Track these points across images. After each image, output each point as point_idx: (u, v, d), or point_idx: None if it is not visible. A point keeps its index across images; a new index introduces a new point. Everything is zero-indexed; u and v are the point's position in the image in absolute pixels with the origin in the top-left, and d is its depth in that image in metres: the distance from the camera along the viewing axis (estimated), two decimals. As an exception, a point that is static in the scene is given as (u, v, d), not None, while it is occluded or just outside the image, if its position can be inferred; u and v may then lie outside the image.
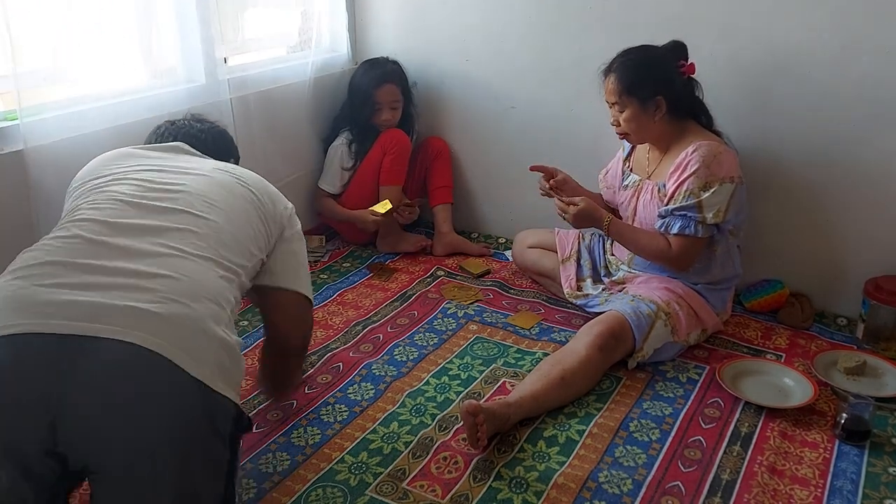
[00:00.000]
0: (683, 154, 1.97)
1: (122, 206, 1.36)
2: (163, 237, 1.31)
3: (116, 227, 1.31)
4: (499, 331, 2.22)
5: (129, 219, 1.33)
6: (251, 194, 1.54)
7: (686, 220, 1.97)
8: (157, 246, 1.29)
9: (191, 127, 1.78)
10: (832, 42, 2.07)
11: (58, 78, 2.01)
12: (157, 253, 1.28)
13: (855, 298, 2.17)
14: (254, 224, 1.50)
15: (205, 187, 1.46)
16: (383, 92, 2.68)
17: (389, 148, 2.68)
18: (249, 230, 1.47)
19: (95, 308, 1.16)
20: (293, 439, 1.73)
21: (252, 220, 1.50)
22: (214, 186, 1.48)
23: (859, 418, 1.70)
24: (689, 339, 2.06)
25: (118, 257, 1.25)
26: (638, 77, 1.97)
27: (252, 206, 1.52)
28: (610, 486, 1.57)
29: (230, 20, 2.56)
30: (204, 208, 1.41)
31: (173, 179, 1.46)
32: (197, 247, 1.33)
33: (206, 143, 1.74)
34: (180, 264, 1.28)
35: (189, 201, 1.40)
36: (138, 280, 1.22)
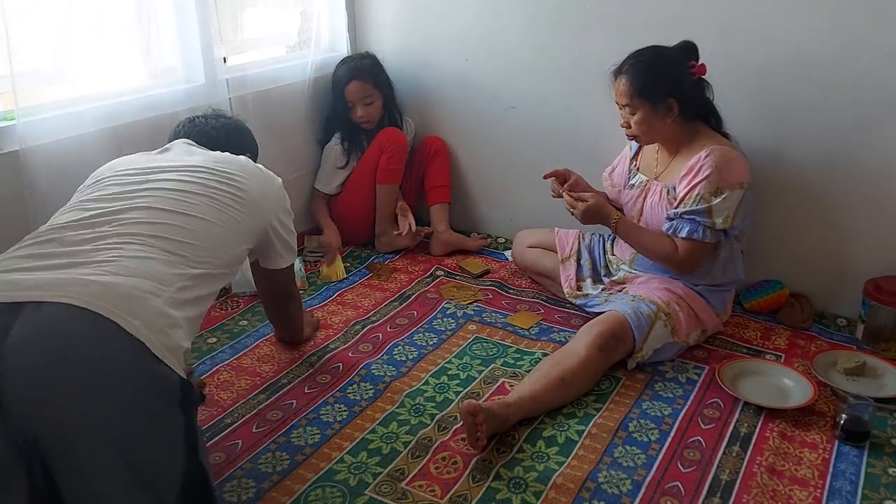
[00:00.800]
0: (696, 158, 1.97)
1: (81, 210, 1.45)
2: (109, 237, 1.37)
3: (70, 227, 1.40)
4: (498, 331, 2.22)
5: (82, 221, 1.41)
6: (230, 191, 1.57)
7: (695, 224, 1.96)
8: (101, 240, 1.35)
9: (205, 123, 1.86)
10: (832, 42, 2.06)
11: (56, 78, 2.01)
12: (100, 247, 1.34)
13: (855, 299, 2.17)
14: (224, 219, 1.53)
15: (166, 191, 1.50)
16: (351, 89, 2.68)
17: (386, 147, 2.68)
18: (215, 228, 1.50)
19: (38, 281, 1.21)
20: (293, 439, 1.73)
21: (222, 216, 1.53)
22: (182, 186, 1.52)
23: (859, 419, 1.69)
24: (689, 340, 2.05)
25: (66, 248, 1.33)
26: (650, 79, 1.96)
27: (227, 203, 1.55)
28: (609, 486, 1.57)
29: (229, 20, 2.56)
30: (156, 214, 1.44)
31: (136, 184, 1.52)
32: (141, 240, 1.37)
33: (219, 139, 1.82)
34: (121, 252, 1.33)
35: (145, 201, 1.46)
36: (79, 260, 1.29)
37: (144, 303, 1.24)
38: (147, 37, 2.24)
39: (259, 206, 1.64)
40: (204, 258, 1.44)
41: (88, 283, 1.22)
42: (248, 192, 1.61)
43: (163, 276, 1.32)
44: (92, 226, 1.39)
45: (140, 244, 1.36)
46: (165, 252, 1.37)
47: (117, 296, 1.21)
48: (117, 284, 1.24)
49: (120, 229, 1.38)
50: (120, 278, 1.25)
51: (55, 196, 1.95)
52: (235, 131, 1.89)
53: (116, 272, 1.27)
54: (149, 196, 1.47)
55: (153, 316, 1.24)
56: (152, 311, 1.24)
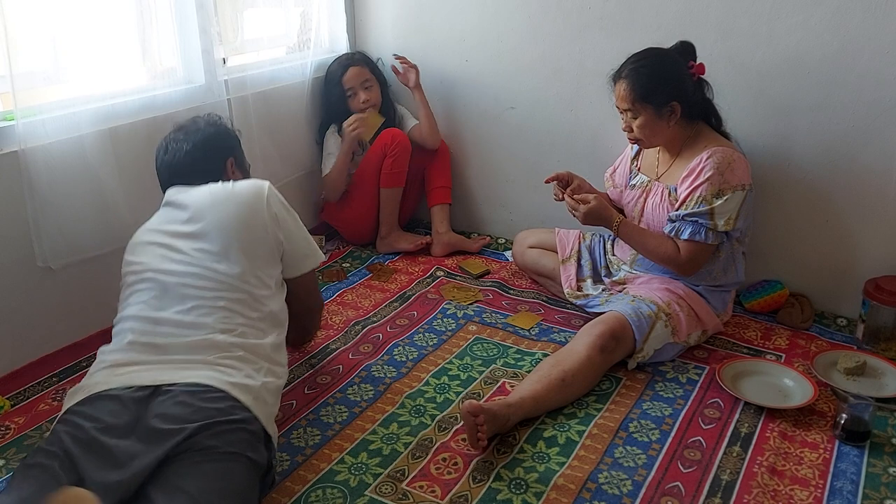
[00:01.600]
0: (697, 159, 1.96)
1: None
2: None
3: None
4: (498, 331, 2.22)
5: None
6: (238, 254, 1.62)
7: (697, 226, 1.96)
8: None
9: (177, 151, 1.79)
10: (832, 42, 2.07)
11: (56, 79, 2.01)
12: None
13: (855, 299, 2.17)
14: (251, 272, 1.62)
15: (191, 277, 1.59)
16: (349, 76, 2.69)
17: (390, 150, 2.67)
18: (243, 284, 1.61)
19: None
20: (293, 440, 1.73)
21: (246, 277, 1.62)
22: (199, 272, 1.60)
23: (859, 419, 1.69)
24: (690, 340, 2.05)
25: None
26: (652, 83, 1.95)
27: (247, 265, 1.63)
28: (610, 486, 1.57)
29: (229, 21, 2.56)
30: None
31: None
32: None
33: (195, 166, 1.78)
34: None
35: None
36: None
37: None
38: (147, 38, 2.24)
39: (258, 228, 1.66)
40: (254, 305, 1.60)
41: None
42: (239, 220, 1.65)
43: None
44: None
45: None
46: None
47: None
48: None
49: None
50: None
51: (55, 196, 1.96)
52: (206, 143, 1.80)
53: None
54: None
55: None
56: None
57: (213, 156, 1.81)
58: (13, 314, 1.96)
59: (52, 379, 1.99)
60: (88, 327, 2.15)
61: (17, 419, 1.82)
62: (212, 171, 1.79)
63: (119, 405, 1.37)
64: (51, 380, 1.99)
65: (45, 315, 2.03)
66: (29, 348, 2.01)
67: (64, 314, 2.08)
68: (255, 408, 1.42)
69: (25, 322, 1.99)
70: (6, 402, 1.87)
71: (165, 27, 2.25)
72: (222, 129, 1.87)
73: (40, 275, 1.99)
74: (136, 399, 1.38)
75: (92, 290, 2.12)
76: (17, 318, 1.97)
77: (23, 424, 1.81)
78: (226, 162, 1.83)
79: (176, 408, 1.35)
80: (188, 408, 1.35)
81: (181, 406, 1.36)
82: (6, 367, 1.97)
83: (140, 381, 1.41)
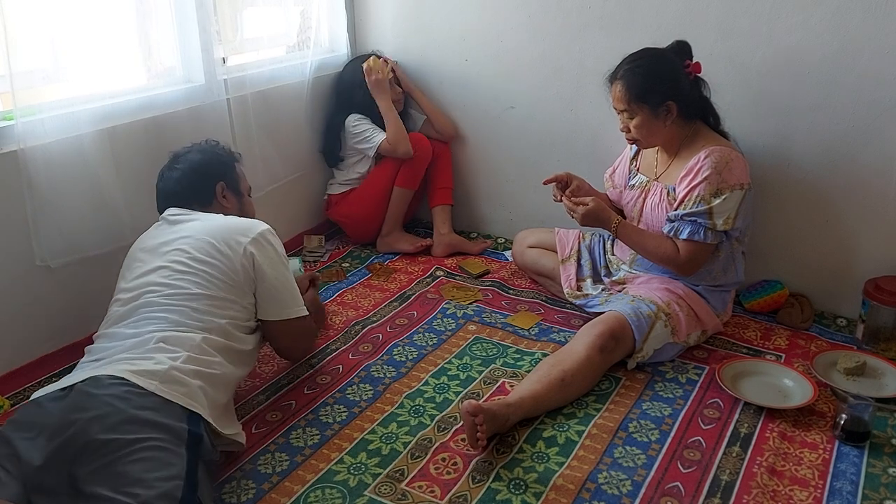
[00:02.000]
0: (695, 159, 1.96)
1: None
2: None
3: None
4: (498, 331, 2.22)
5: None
6: (202, 276, 1.68)
7: (696, 225, 1.96)
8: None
9: (169, 178, 1.90)
10: (832, 42, 2.06)
11: (56, 78, 2.01)
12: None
13: (855, 299, 2.17)
14: (208, 295, 1.68)
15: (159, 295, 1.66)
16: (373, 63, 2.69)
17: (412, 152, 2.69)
18: (199, 303, 1.66)
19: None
20: (292, 440, 1.73)
21: (204, 296, 1.67)
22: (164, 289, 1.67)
23: (859, 419, 1.69)
24: (689, 340, 2.05)
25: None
26: (647, 83, 1.95)
27: (207, 288, 1.68)
28: (609, 486, 1.57)
29: (229, 20, 2.56)
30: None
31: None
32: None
33: (186, 191, 1.87)
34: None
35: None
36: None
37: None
38: (146, 37, 2.24)
39: (231, 255, 1.72)
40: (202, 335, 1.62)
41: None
42: (215, 252, 1.71)
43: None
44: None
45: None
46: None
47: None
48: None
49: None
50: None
51: (54, 196, 1.96)
52: (194, 171, 1.88)
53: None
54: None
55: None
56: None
57: (202, 180, 1.89)
58: (12, 314, 1.95)
59: (52, 379, 1.99)
60: (87, 327, 2.14)
61: (16, 419, 1.82)
62: (201, 194, 1.88)
63: (38, 408, 1.44)
64: (50, 379, 1.99)
65: (43, 314, 2.03)
66: (28, 348, 2.01)
67: (63, 313, 2.07)
68: (160, 390, 1.44)
69: (24, 322, 1.99)
70: (5, 402, 1.87)
71: (165, 26, 2.25)
72: (214, 154, 1.95)
73: (39, 274, 1.99)
74: (54, 399, 1.44)
75: (91, 289, 2.12)
76: (16, 317, 1.97)
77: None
78: (215, 186, 1.89)
79: (80, 400, 1.40)
80: (89, 398, 1.40)
81: (83, 397, 1.40)
82: (5, 366, 1.96)
83: (61, 384, 1.48)
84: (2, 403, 1.85)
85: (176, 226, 1.80)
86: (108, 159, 2.07)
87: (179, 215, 1.82)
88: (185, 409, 1.46)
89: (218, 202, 1.89)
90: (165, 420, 1.40)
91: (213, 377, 1.58)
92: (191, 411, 1.46)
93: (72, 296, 2.08)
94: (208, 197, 1.88)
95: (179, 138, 2.26)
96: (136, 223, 2.18)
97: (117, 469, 1.31)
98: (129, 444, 1.33)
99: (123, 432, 1.35)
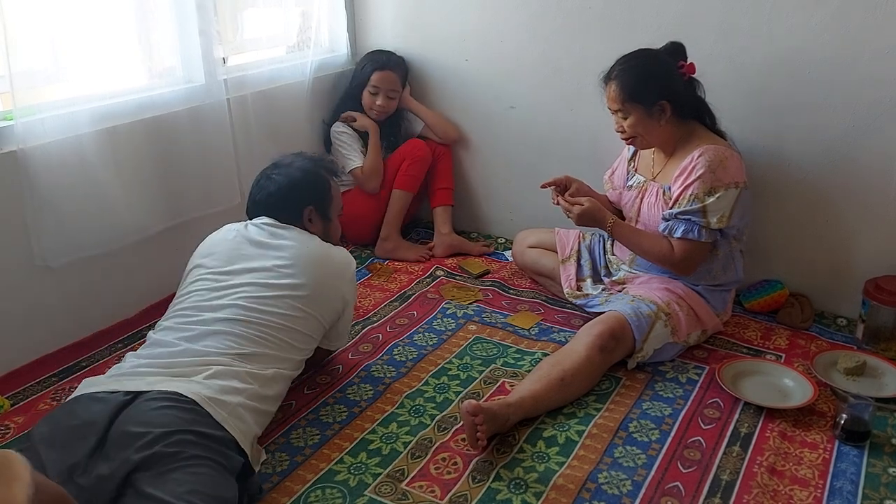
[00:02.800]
0: (689, 158, 1.97)
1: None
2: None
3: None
4: (498, 331, 2.22)
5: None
6: (296, 309, 1.71)
7: (690, 224, 1.96)
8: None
9: (264, 188, 1.88)
10: (832, 42, 2.06)
11: (56, 78, 2.01)
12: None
13: (855, 299, 2.17)
14: (296, 329, 1.72)
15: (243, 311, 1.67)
16: (384, 77, 2.70)
17: (409, 155, 2.71)
18: (281, 334, 1.69)
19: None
20: (292, 440, 1.73)
21: (293, 330, 1.71)
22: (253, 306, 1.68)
23: (859, 419, 1.69)
24: (689, 340, 2.05)
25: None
26: (640, 83, 1.96)
27: (296, 321, 1.71)
28: (609, 486, 1.57)
29: (229, 20, 2.56)
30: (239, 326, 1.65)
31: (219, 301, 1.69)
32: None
33: (275, 206, 1.86)
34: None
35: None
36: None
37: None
38: (147, 37, 2.24)
39: (330, 297, 1.79)
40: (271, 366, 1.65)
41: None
42: (318, 291, 1.75)
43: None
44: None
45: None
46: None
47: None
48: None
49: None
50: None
51: (53, 197, 1.96)
52: (287, 193, 1.87)
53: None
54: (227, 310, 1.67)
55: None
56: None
57: (293, 202, 1.88)
58: (12, 314, 1.96)
59: (52, 379, 1.99)
60: (87, 326, 2.15)
61: (16, 419, 1.82)
62: (290, 214, 1.87)
63: (102, 405, 1.43)
64: (50, 380, 1.99)
65: (43, 314, 2.03)
66: (28, 348, 2.01)
67: (63, 313, 2.07)
68: (224, 421, 1.46)
69: (24, 322, 1.99)
70: (6, 402, 1.87)
71: (165, 26, 2.25)
72: (311, 174, 1.92)
73: (39, 274, 1.99)
74: (118, 403, 1.44)
75: (91, 289, 2.12)
76: (16, 317, 1.97)
77: (22, 424, 1.80)
78: (304, 210, 1.88)
79: (148, 414, 1.40)
80: (158, 414, 1.40)
81: (154, 412, 1.40)
82: (5, 366, 1.96)
83: (126, 387, 1.48)
84: (2, 403, 1.85)
85: (271, 243, 1.78)
86: (108, 159, 2.07)
87: (275, 229, 1.81)
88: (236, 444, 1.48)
89: (303, 223, 1.88)
90: (225, 449, 1.43)
91: (266, 415, 1.63)
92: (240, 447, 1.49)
93: (72, 296, 2.08)
94: (296, 217, 1.87)
95: (179, 138, 2.27)
96: (136, 223, 2.19)
97: (174, 475, 1.32)
98: (193, 458, 1.35)
99: (190, 448, 1.36)
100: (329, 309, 1.79)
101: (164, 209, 2.27)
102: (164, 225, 2.28)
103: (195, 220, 2.33)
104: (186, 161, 2.30)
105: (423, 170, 2.75)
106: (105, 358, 2.09)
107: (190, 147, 2.30)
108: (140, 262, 2.23)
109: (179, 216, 2.31)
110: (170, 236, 2.29)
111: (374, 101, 2.71)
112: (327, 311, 1.79)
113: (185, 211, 2.33)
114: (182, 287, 1.77)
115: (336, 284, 1.80)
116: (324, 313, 1.77)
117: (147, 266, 2.27)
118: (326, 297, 1.77)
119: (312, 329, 1.76)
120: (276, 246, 1.78)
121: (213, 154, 2.37)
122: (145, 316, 2.25)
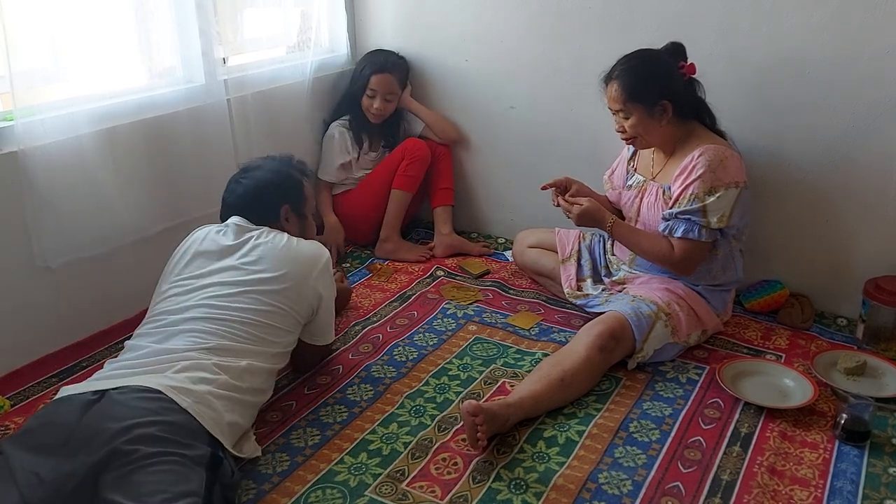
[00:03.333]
0: (689, 158, 1.97)
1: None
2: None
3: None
4: (498, 331, 2.22)
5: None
6: (266, 303, 1.72)
7: (690, 223, 1.96)
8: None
9: (234, 191, 1.90)
10: (832, 42, 2.06)
11: (56, 78, 2.01)
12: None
13: (855, 299, 2.17)
14: (267, 324, 1.72)
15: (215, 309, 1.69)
16: (381, 80, 2.69)
17: (408, 154, 2.70)
18: (254, 329, 1.69)
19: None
20: (292, 440, 1.73)
21: (263, 324, 1.71)
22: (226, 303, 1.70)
23: (859, 419, 1.69)
24: (690, 340, 2.05)
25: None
26: (641, 83, 1.96)
27: (267, 315, 1.72)
28: (609, 486, 1.57)
29: (229, 21, 2.56)
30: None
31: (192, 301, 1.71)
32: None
33: (248, 206, 1.88)
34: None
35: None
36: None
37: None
38: (147, 37, 2.24)
39: (301, 290, 1.77)
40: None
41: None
42: (286, 284, 1.75)
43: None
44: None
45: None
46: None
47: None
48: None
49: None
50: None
51: (53, 197, 1.96)
52: (259, 192, 1.88)
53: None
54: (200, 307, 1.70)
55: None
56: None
57: (267, 201, 1.89)
58: (12, 314, 1.96)
59: (52, 379, 1.99)
60: (87, 327, 2.15)
61: (16, 419, 1.82)
62: (265, 213, 1.88)
63: (69, 406, 1.45)
64: (50, 380, 1.99)
65: (43, 315, 2.03)
66: (28, 348, 2.01)
67: (63, 314, 2.07)
68: (192, 408, 1.46)
69: (24, 322, 1.99)
70: (6, 402, 1.87)
71: (165, 26, 2.25)
72: (283, 175, 1.93)
73: (39, 274, 1.99)
74: (85, 402, 1.45)
75: (90, 289, 2.12)
76: (16, 318, 1.97)
77: (22, 424, 1.80)
78: (280, 208, 1.89)
79: (115, 409, 1.42)
80: (121, 407, 1.42)
81: (119, 406, 1.42)
82: (6, 367, 1.97)
83: (95, 388, 1.49)
84: (2, 404, 1.85)
85: (244, 243, 1.79)
86: (107, 160, 2.07)
87: (247, 231, 1.82)
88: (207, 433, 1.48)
89: (280, 223, 1.89)
90: (191, 439, 1.42)
91: (245, 404, 1.62)
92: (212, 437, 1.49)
93: (72, 296, 2.08)
94: (272, 217, 1.88)
95: (179, 139, 2.27)
96: (136, 223, 2.19)
97: (135, 478, 1.32)
98: (152, 457, 1.35)
99: (149, 444, 1.36)
100: (302, 303, 1.78)
101: (164, 209, 2.27)
102: (164, 225, 2.28)
103: (195, 220, 2.32)
104: (186, 161, 2.30)
105: (423, 170, 2.74)
106: (105, 358, 2.08)
107: (190, 147, 2.30)
108: (140, 262, 2.23)
109: (179, 216, 2.31)
110: (170, 236, 2.27)
111: (372, 104, 2.71)
112: (300, 305, 1.77)
113: (185, 211, 2.32)
114: (155, 296, 1.79)
115: (306, 277, 1.78)
116: (296, 307, 1.76)
117: (147, 266, 2.25)
118: (297, 291, 1.76)
119: (286, 323, 1.75)
120: (243, 244, 1.79)
121: (213, 154, 2.37)
122: (145, 316, 2.25)
